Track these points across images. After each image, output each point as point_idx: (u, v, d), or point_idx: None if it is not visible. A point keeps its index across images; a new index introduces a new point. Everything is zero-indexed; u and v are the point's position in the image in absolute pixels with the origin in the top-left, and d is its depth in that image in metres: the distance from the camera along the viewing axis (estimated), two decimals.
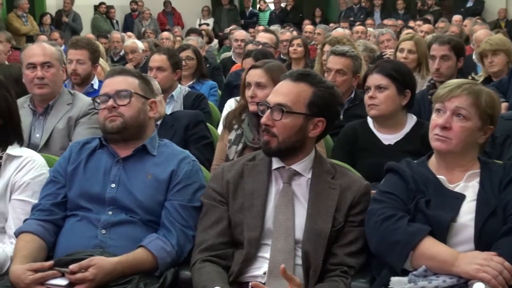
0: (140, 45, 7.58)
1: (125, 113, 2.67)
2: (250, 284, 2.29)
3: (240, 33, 8.29)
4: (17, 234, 2.59)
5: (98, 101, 2.74)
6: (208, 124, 4.06)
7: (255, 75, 3.44)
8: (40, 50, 3.70)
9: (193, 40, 7.11)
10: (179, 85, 4.80)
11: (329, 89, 2.55)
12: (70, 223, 2.62)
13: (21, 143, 2.85)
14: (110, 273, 2.38)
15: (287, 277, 2.23)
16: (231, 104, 4.52)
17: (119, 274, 2.40)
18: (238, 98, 4.42)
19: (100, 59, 4.95)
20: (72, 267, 2.34)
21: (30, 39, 11.08)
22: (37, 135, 3.62)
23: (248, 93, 3.44)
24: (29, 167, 2.76)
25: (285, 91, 2.51)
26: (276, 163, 2.55)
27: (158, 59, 4.65)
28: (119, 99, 2.68)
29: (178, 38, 9.99)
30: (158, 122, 3.71)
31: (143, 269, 2.46)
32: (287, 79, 2.56)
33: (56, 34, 10.52)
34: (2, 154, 2.76)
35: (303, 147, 2.54)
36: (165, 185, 2.63)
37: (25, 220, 2.64)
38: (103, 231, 2.55)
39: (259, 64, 3.48)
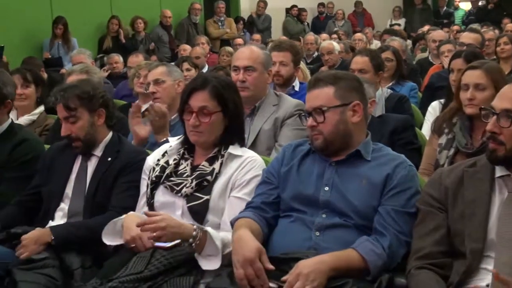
0: (337, 46, 7.55)
1: (323, 130, 2.63)
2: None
3: (437, 33, 8.00)
4: (233, 221, 2.67)
5: (303, 115, 2.75)
6: (416, 129, 3.93)
7: (473, 76, 3.27)
8: (246, 54, 3.80)
9: (397, 41, 6.97)
10: (380, 87, 4.71)
11: None
12: (284, 224, 2.65)
13: (241, 145, 2.95)
14: (323, 272, 2.35)
15: (502, 280, 2.08)
16: (434, 107, 4.34)
17: (331, 270, 2.36)
18: (442, 100, 4.25)
19: None
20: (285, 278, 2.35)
21: (226, 42, 11.54)
22: (245, 136, 3.71)
23: (466, 95, 3.27)
24: (249, 166, 2.84)
25: None
26: (500, 171, 2.39)
27: (360, 61, 4.59)
28: (317, 116, 2.64)
29: (377, 42, 9.86)
30: None
31: (353, 269, 2.41)
32: None
33: (257, 36, 10.79)
34: (224, 152, 2.86)
35: None
36: (379, 190, 2.56)
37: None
38: (317, 233, 2.54)
39: (477, 65, 3.30)
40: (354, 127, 2.66)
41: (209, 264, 2.61)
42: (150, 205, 2.89)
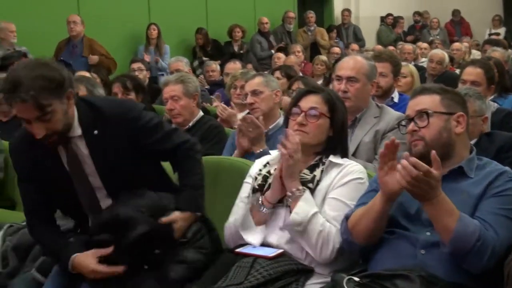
0: (447, 59, 7.27)
1: (425, 135, 2.58)
2: None
3: None
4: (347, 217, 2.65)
5: (403, 123, 2.69)
6: None
7: None
8: (350, 64, 3.74)
9: (499, 52, 6.73)
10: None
11: None
12: (387, 239, 2.59)
13: (343, 156, 2.92)
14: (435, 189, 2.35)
15: None
16: None
17: (441, 199, 2.36)
18: None
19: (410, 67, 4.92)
20: None
21: (318, 51, 11.52)
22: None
23: None
24: (348, 170, 2.82)
25: None
26: None
27: (473, 73, 4.43)
28: (419, 121, 2.60)
29: (475, 52, 9.57)
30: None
31: (446, 218, 2.36)
32: None
33: (355, 46, 10.69)
34: (325, 160, 2.86)
35: None
36: (479, 200, 2.48)
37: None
38: (422, 251, 2.47)
39: None
40: (456, 139, 2.61)
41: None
42: None
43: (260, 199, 2.84)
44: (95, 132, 2.75)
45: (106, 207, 2.81)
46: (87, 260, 2.70)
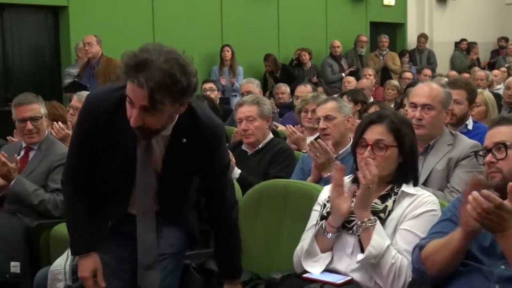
0: None
1: (503, 167, 2.52)
2: None
3: None
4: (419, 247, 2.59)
5: (481, 153, 2.64)
6: None
7: None
8: (425, 91, 3.66)
9: None
10: None
11: None
12: (460, 271, 2.52)
13: (414, 184, 2.87)
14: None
15: None
16: None
17: None
18: None
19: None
20: None
21: (389, 75, 11.41)
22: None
23: None
24: (421, 201, 2.77)
25: None
26: None
27: None
28: (497, 152, 2.54)
29: None
30: None
31: None
32: None
33: (428, 71, 10.54)
34: (397, 190, 2.81)
35: None
36: None
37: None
38: (497, 286, 2.40)
39: None
40: None
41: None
42: None
43: (323, 225, 2.82)
44: (184, 140, 2.67)
45: None
46: (90, 266, 2.75)
